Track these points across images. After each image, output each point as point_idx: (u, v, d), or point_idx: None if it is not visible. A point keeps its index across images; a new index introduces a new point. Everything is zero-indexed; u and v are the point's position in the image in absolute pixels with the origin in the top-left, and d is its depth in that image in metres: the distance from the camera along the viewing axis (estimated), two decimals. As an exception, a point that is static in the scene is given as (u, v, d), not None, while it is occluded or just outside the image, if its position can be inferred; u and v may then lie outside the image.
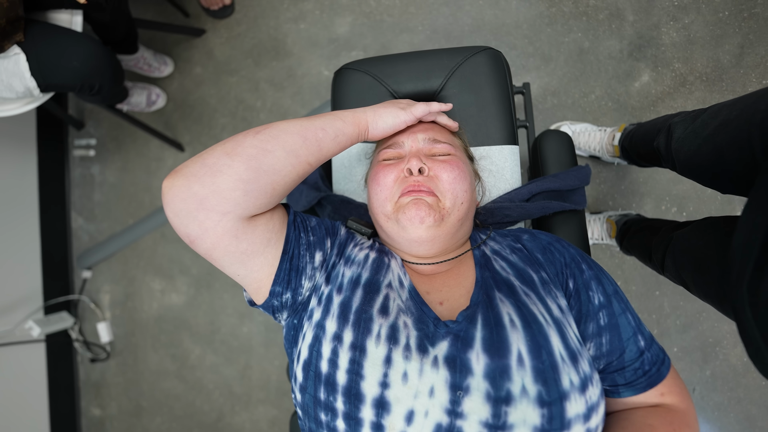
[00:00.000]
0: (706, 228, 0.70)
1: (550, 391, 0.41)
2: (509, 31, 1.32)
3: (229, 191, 0.43)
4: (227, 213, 0.44)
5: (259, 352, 1.40)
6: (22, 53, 0.88)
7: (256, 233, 0.47)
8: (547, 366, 0.42)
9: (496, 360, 0.42)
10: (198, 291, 1.45)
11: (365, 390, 0.42)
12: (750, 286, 0.44)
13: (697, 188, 1.22)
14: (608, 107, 1.27)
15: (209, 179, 0.43)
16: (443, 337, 0.45)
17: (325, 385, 0.44)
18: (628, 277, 1.24)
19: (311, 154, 0.50)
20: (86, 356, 1.49)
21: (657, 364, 0.49)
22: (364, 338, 0.44)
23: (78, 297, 1.50)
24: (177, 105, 1.49)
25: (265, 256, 0.48)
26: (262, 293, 0.50)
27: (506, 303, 0.47)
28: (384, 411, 0.41)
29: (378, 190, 0.55)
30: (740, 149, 0.56)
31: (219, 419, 1.42)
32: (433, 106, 0.61)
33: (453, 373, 0.42)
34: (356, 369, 0.43)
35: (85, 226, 1.53)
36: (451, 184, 0.53)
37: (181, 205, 0.43)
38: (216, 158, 0.44)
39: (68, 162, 1.54)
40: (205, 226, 0.44)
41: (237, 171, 0.44)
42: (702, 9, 1.24)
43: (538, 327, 0.45)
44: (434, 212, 0.51)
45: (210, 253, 0.46)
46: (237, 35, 1.47)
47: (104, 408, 1.50)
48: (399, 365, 0.43)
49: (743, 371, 1.18)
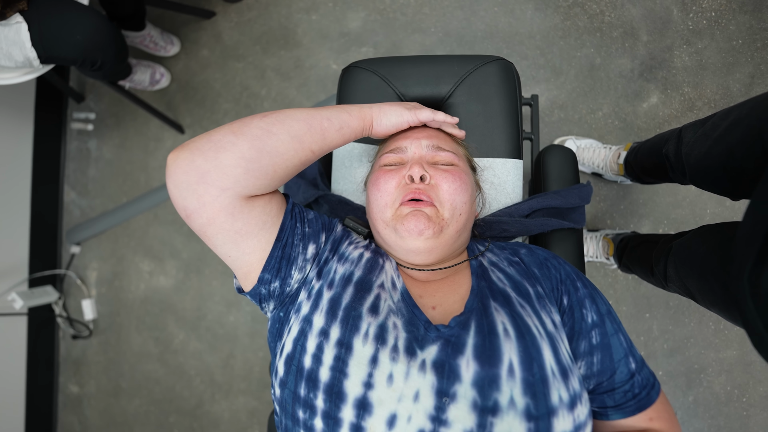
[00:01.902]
0: (706, 234, 0.70)
1: (538, 405, 0.40)
2: (522, 40, 1.31)
3: (230, 168, 0.44)
4: (226, 189, 0.45)
5: (243, 342, 1.39)
6: (24, 22, 0.86)
7: (253, 214, 0.47)
8: (538, 379, 0.41)
9: (486, 368, 0.41)
10: (187, 275, 1.43)
11: (348, 389, 0.41)
12: (752, 276, 0.44)
13: (695, 213, 1.22)
14: (614, 125, 1.26)
15: (213, 154, 0.44)
16: (433, 341, 0.44)
17: (307, 381, 0.43)
18: (620, 298, 1.23)
19: (315, 142, 0.50)
20: (68, 332, 1.47)
21: (647, 387, 0.49)
22: (351, 336, 0.44)
23: (64, 272, 1.48)
24: (180, 86, 1.46)
25: (258, 239, 0.48)
26: (251, 279, 0.50)
27: (501, 312, 0.47)
28: (365, 412, 0.40)
29: (378, 195, 0.54)
30: (751, 146, 0.56)
31: (198, 406, 1.41)
32: (439, 115, 0.60)
33: (440, 379, 0.41)
34: (340, 366, 0.42)
35: (78, 201, 1.51)
36: (451, 194, 0.52)
37: (182, 177, 0.44)
38: (222, 135, 0.46)
39: (65, 134, 1.51)
40: (203, 200, 0.44)
41: (240, 149, 0.45)
42: (716, 35, 1.23)
43: (531, 339, 0.44)
44: (433, 224, 0.50)
45: (204, 230, 0.46)
46: (247, 20, 1.45)
47: (82, 386, 1.48)
48: (385, 366, 0.42)
49: (725, 400, 1.18)
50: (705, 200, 1.22)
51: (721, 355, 1.19)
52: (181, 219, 1.44)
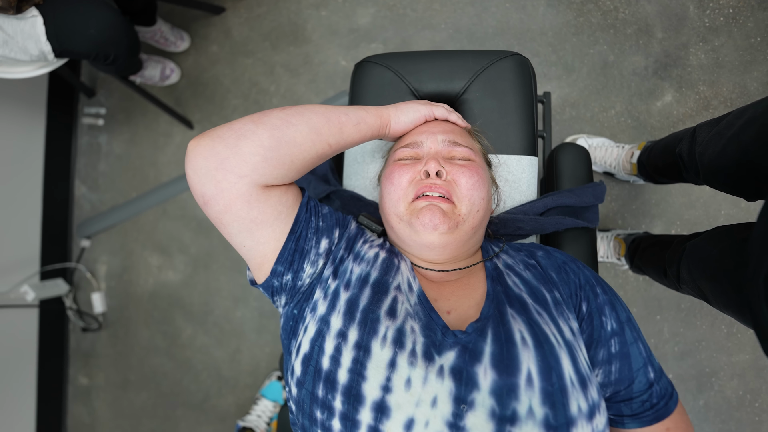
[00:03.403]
0: (720, 236, 0.68)
1: (557, 415, 0.40)
2: (534, 37, 1.30)
3: (249, 155, 0.45)
4: (244, 176, 0.45)
5: (250, 338, 1.40)
6: (40, 16, 0.86)
7: (269, 203, 0.48)
8: (557, 389, 0.41)
9: (504, 377, 0.41)
10: (195, 270, 1.44)
11: (366, 392, 0.41)
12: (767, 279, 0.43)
13: (709, 214, 1.20)
14: (627, 124, 1.24)
15: (233, 141, 0.46)
16: (450, 347, 0.43)
17: (325, 382, 0.43)
18: (631, 299, 1.22)
19: (332, 135, 0.52)
20: (78, 325, 1.49)
21: (665, 398, 0.48)
22: (369, 339, 0.43)
23: (75, 265, 1.49)
24: (190, 82, 1.47)
25: (273, 229, 0.48)
26: (264, 270, 0.50)
27: (518, 320, 0.46)
28: (383, 416, 0.40)
29: (392, 189, 0.54)
30: (766, 144, 0.55)
31: (205, 400, 1.42)
32: (453, 116, 0.61)
33: (458, 386, 0.41)
34: (359, 369, 0.42)
35: (88, 195, 1.52)
36: (469, 190, 0.51)
37: (202, 163, 0.45)
38: (242, 124, 0.47)
39: (76, 129, 1.52)
40: (221, 186, 0.45)
41: (260, 137, 0.46)
42: (734, 32, 1.21)
43: (549, 348, 0.43)
44: (449, 219, 0.49)
45: (221, 217, 0.47)
46: (256, 16, 1.44)
47: (92, 378, 1.50)
48: (403, 370, 0.42)
49: (737, 405, 1.16)
50: (719, 201, 1.20)
51: (734, 359, 1.17)
52: (190, 215, 1.44)
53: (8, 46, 0.86)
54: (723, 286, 0.63)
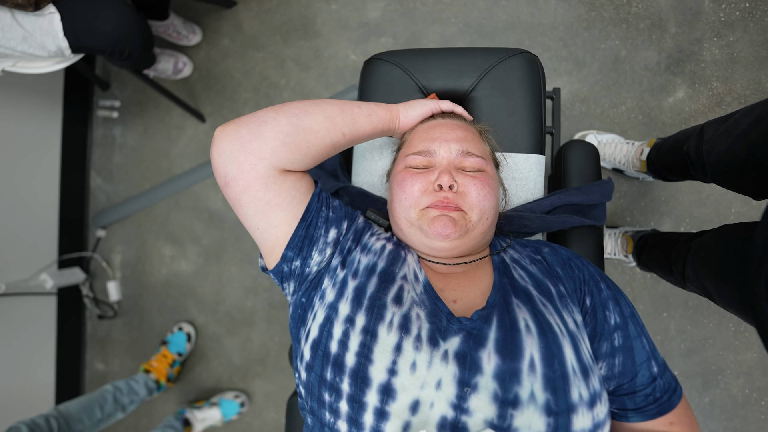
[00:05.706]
0: (725, 234, 0.68)
1: (558, 401, 0.41)
2: (544, 31, 1.28)
3: (270, 139, 0.50)
4: (264, 159, 0.49)
5: (260, 328, 1.43)
6: (57, 13, 0.88)
7: (284, 187, 0.51)
8: (558, 376, 0.42)
9: (507, 362, 0.42)
10: (207, 261, 1.47)
11: (372, 374, 0.43)
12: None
13: (720, 212, 1.19)
14: (638, 120, 1.23)
15: (255, 126, 0.50)
16: (455, 333, 0.45)
17: (333, 366, 0.44)
18: (637, 296, 1.22)
19: (345, 125, 0.55)
20: (94, 312, 1.54)
21: (669, 392, 0.49)
22: (376, 324, 0.45)
23: (91, 254, 1.53)
24: (202, 75, 1.48)
25: (285, 213, 0.51)
26: (275, 255, 0.53)
27: (523, 309, 0.47)
28: (389, 398, 0.42)
29: (403, 197, 0.55)
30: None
31: (216, 388, 1.46)
32: (458, 109, 0.65)
33: (462, 369, 0.42)
34: (366, 353, 0.44)
35: (103, 186, 1.55)
36: (480, 201, 0.53)
37: (227, 146, 0.49)
38: (264, 113, 0.52)
39: (91, 121, 1.56)
40: (242, 167, 0.49)
41: (280, 123, 0.51)
42: (750, 27, 1.18)
43: (552, 336, 0.45)
44: (459, 228, 0.51)
45: (239, 197, 0.50)
46: (267, 10, 1.45)
47: (108, 363, 1.55)
48: (408, 354, 0.43)
49: (743, 402, 1.17)
50: (730, 199, 1.19)
51: (741, 358, 1.17)
52: (202, 206, 1.47)
53: (27, 42, 0.89)
54: (727, 285, 0.64)
